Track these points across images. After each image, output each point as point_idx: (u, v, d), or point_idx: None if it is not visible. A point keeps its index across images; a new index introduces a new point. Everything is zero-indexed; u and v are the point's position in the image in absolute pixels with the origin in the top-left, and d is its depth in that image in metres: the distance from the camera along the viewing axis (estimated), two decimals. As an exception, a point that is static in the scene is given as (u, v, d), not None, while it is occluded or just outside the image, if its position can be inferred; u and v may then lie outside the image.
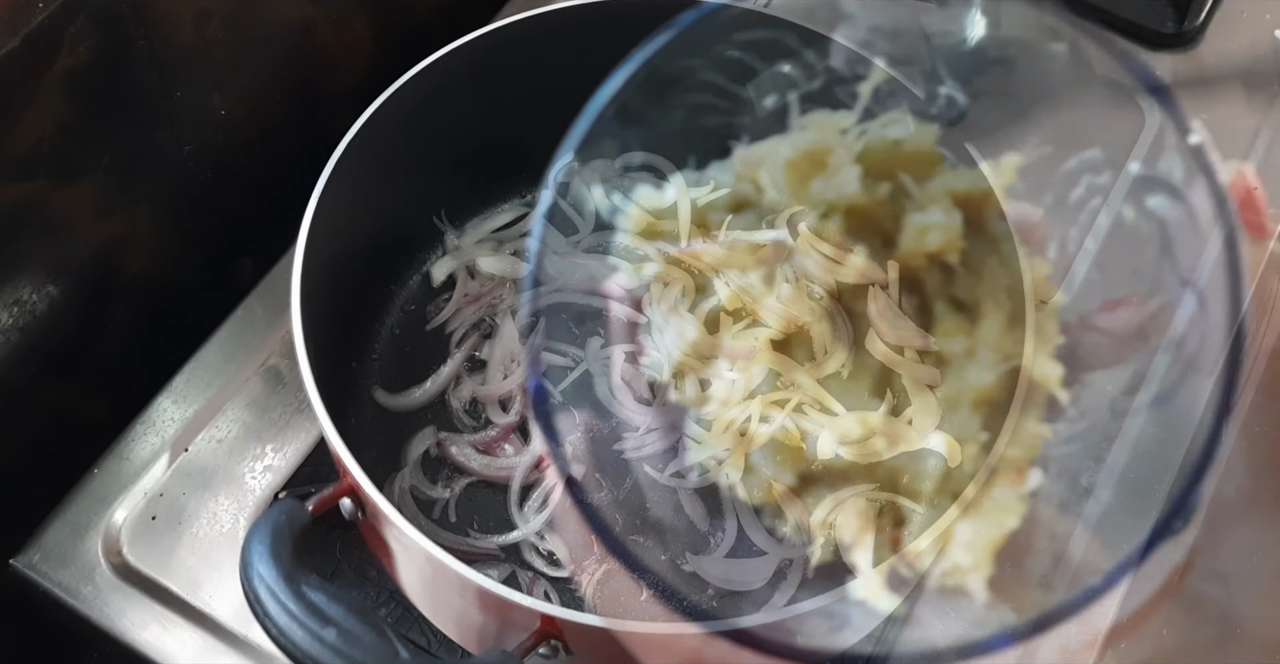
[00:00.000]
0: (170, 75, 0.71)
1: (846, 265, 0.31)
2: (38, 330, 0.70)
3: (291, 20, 0.77)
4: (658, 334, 0.32)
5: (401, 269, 0.81)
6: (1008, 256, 0.32)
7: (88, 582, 0.70)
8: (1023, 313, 0.32)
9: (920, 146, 0.32)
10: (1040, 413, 0.32)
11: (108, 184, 0.71)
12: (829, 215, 0.31)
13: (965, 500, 0.31)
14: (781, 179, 0.31)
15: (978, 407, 0.31)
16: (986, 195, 0.32)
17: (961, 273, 0.32)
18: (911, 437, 0.31)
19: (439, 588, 0.64)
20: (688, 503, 0.63)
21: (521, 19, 0.71)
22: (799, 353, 0.32)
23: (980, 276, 0.32)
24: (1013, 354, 0.31)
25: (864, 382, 0.32)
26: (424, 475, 0.75)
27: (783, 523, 0.31)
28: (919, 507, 0.31)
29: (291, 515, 0.60)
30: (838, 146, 0.31)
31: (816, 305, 0.31)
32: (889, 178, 0.32)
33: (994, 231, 0.32)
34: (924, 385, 0.32)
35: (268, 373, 0.77)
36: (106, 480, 0.73)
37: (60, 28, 0.62)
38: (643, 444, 0.33)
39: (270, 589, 0.56)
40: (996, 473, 0.31)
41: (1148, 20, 0.86)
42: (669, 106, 0.32)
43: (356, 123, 0.67)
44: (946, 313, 0.32)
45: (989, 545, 0.30)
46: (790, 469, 0.30)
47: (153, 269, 0.77)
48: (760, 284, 0.32)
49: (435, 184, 0.78)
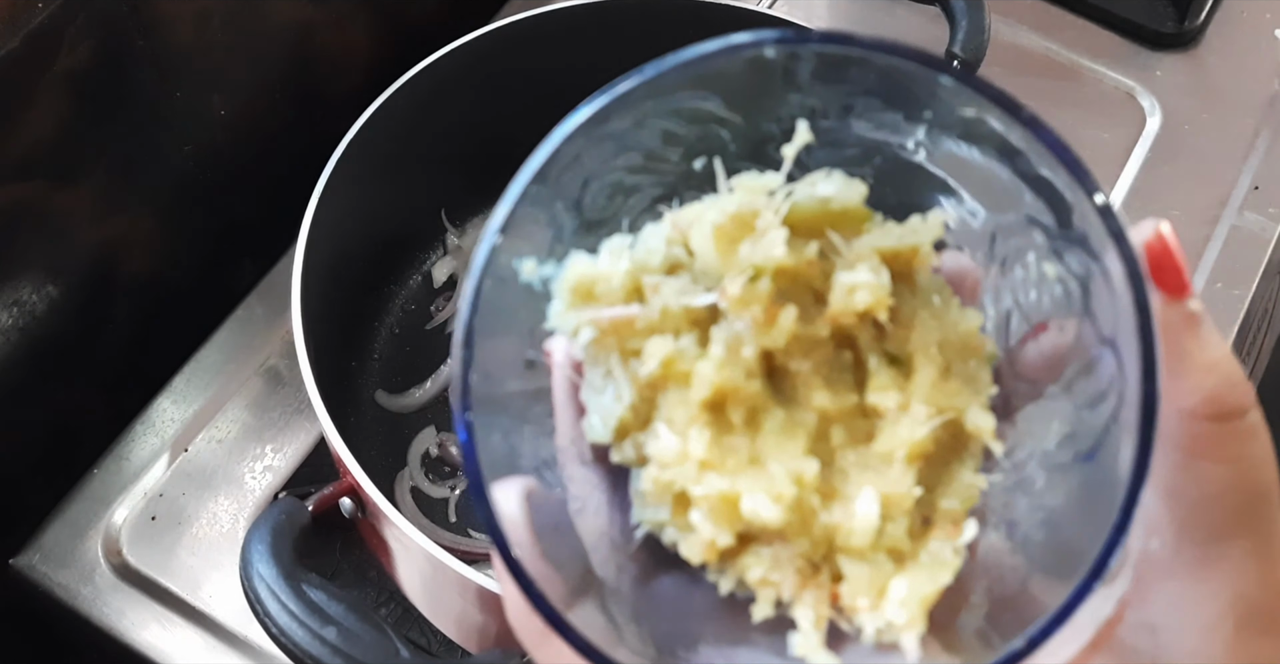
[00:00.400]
0: (170, 76, 0.71)
1: (777, 326, 0.31)
2: (37, 331, 0.70)
3: (291, 20, 0.77)
4: (596, 396, 0.32)
5: (402, 269, 0.81)
6: (939, 309, 0.32)
7: (87, 582, 0.70)
8: (955, 364, 0.32)
9: (848, 204, 0.32)
10: (975, 464, 0.32)
11: (107, 184, 0.70)
12: (758, 278, 0.31)
13: (899, 555, 0.31)
14: (709, 243, 0.31)
15: (912, 460, 0.31)
16: (915, 250, 0.32)
17: (892, 328, 0.32)
18: (846, 492, 0.32)
19: (439, 588, 0.64)
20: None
21: (522, 19, 0.71)
22: (733, 413, 0.32)
23: (912, 330, 0.32)
24: (946, 407, 0.31)
25: (798, 439, 0.32)
26: (425, 475, 0.74)
27: (725, 580, 0.32)
28: (855, 562, 0.31)
29: (292, 515, 0.60)
30: (764, 209, 0.31)
31: (750, 366, 0.31)
32: (818, 235, 0.32)
33: (924, 284, 0.33)
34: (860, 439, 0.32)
35: (268, 373, 0.76)
36: (106, 481, 0.73)
37: (59, 28, 0.62)
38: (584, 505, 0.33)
39: (270, 589, 0.56)
40: (932, 526, 0.32)
41: (1147, 20, 0.86)
42: (598, 172, 0.32)
43: (357, 122, 0.67)
44: (880, 368, 0.32)
45: (923, 601, 0.30)
46: (727, 528, 0.31)
47: (152, 269, 0.77)
48: (694, 346, 0.32)
49: (436, 184, 0.78)
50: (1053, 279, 0.31)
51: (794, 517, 0.31)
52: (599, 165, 0.32)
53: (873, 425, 0.32)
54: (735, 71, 0.30)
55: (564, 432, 0.33)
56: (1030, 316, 0.32)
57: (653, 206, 0.33)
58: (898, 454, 0.31)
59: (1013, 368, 0.33)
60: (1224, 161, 0.83)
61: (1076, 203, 0.29)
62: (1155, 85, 0.85)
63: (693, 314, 0.32)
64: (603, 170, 0.32)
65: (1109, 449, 0.29)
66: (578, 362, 0.33)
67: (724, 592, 0.32)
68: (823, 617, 0.31)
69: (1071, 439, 0.31)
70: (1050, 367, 0.31)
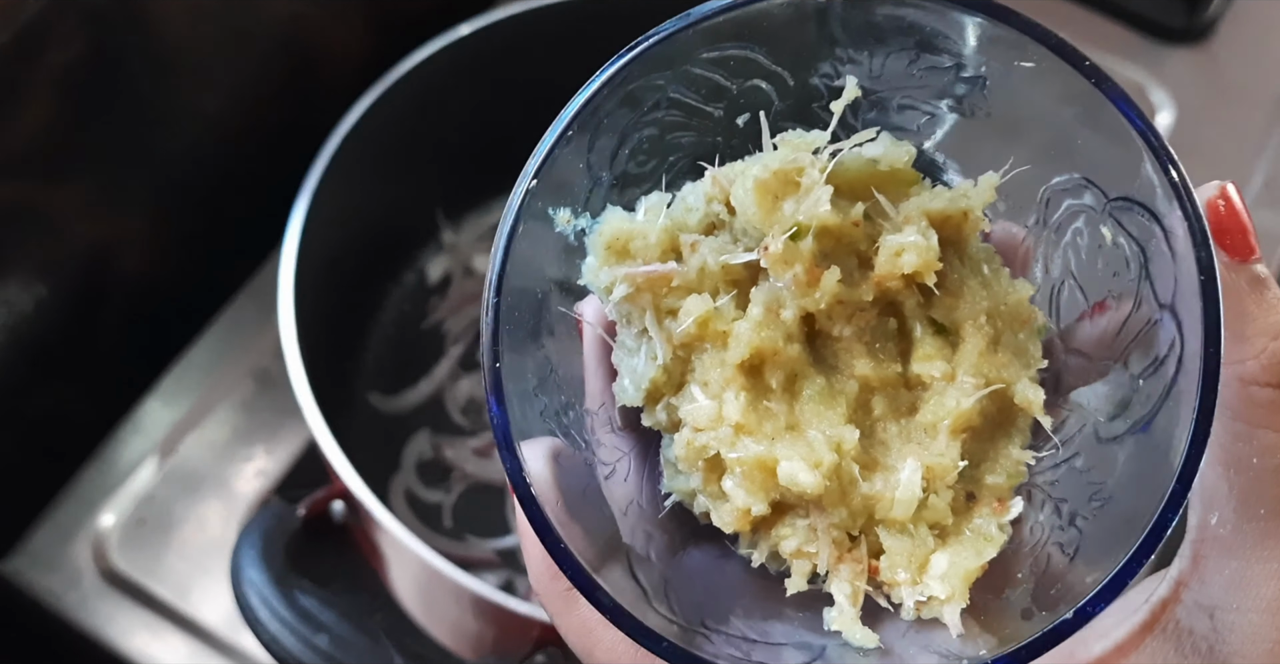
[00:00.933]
0: (161, 72, 0.70)
1: (820, 287, 0.30)
2: (25, 330, 0.69)
3: (284, 16, 0.77)
4: (629, 357, 0.32)
5: (396, 267, 0.80)
6: (988, 278, 0.32)
7: (74, 588, 0.69)
8: (1004, 336, 0.31)
9: (895, 165, 0.31)
10: (1023, 439, 0.31)
11: (97, 182, 0.70)
12: (800, 237, 0.30)
13: (942, 529, 0.31)
14: (751, 198, 0.31)
15: (956, 432, 0.31)
16: (965, 214, 0.31)
17: (940, 295, 0.31)
18: (887, 463, 0.31)
19: (433, 594, 0.63)
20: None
21: (516, 13, 0.71)
22: (771, 377, 0.31)
23: (960, 298, 0.31)
24: (994, 378, 0.31)
25: (838, 407, 0.31)
26: (419, 479, 0.73)
27: (757, 552, 0.31)
28: (895, 535, 0.30)
29: (282, 520, 0.60)
30: (809, 166, 0.31)
31: (790, 328, 0.31)
32: (864, 197, 0.31)
33: (974, 252, 0.32)
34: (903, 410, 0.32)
35: (258, 374, 0.75)
36: (93, 484, 0.72)
37: (51, 25, 0.61)
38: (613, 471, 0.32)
39: (261, 595, 0.55)
40: (977, 501, 0.31)
41: (1158, 14, 0.85)
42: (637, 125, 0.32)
43: (349, 118, 0.67)
44: (925, 336, 0.32)
45: (966, 576, 0.30)
46: (762, 496, 0.29)
47: (142, 268, 0.76)
48: (731, 307, 0.31)
49: (430, 180, 0.77)
50: (1109, 242, 0.30)
51: (833, 485, 0.30)
52: (640, 116, 0.31)
53: (916, 397, 0.32)
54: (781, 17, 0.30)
55: (594, 395, 0.32)
56: (1085, 284, 0.31)
57: (693, 167, 0.33)
58: (942, 425, 0.30)
59: (1066, 343, 0.32)
60: (1236, 157, 0.82)
61: (1137, 159, 0.28)
62: (1166, 80, 0.84)
63: (731, 273, 0.31)
64: (643, 122, 0.31)
65: (1165, 419, 0.28)
66: (610, 322, 0.32)
67: (756, 564, 0.31)
68: (860, 591, 0.30)
69: (1124, 410, 0.30)
70: (1108, 344, 0.30)
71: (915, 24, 0.29)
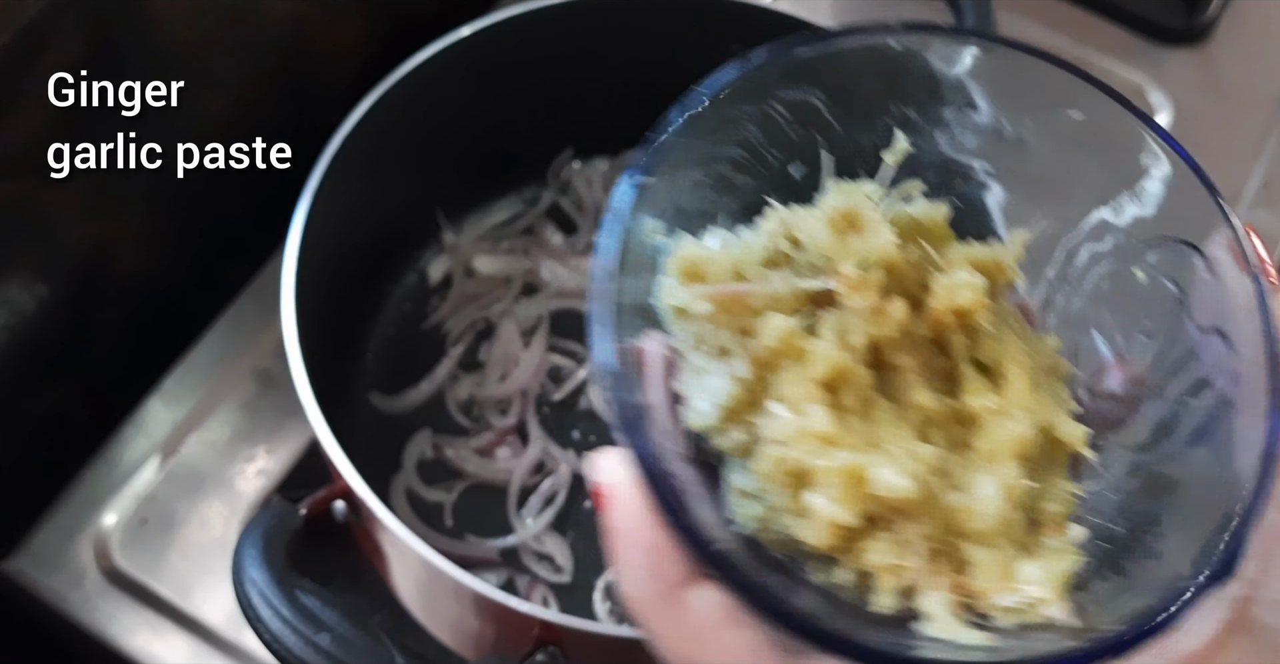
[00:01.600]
0: (161, 72, 0.70)
1: (887, 316, 0.32)
2: (25, 330, 0.69)
3: (284, 16, 0.77)
4: (699, 379, 0.32)
5: (396, 268, 0.80)
6: (1018, 329, 0.34)
7: (77, 587, 0.69)
8: (1041, 380, 0.33)
9: (932, 222, 0.34)
10: (1064, 474, 0.33)
11: (97, 182, 0.70)
12: (867, 268, 0.32)
13: (1020, 545, 0.32)
14: (823, 231, 0.32)
15: (1017, 457, 0.32)
16: (999, 264, 0.33)
17: (984, 335, 0.33)
18: (967, 479, 0.32)
19: (434, 593, 0.63)
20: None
21: (517, 14, 0.70)
22: (846, 397, 0.32)
23: (1000, 342, 0.33)
24: (1040, 415, 0.32)
25: (908, 431, 0.32)
26: (420, 478, 0.74)
27: (840, 570, 0.31)
28: (982, 548, 0.31)
29: (284, 519, 0.60)
30: (868, 209, 0.33)
31: (861, 353, 0.32)
32: (912, 243, 0.33)
33: (1003, 306, 0.34)
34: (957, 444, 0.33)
35: (260, 374, 0.76)
36: (96, 484, 0.72)
37: (51, 24, 0.61)
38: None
39: (263, 594, 0.55)
40: (1040, 525, 0.32)
41: (1157, 15, 0.85)
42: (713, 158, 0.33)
43: (350, 118, 0.67)
44: (972, 375, 0.33)
45: (1061, 577, 0.31)
46: (853, 506, 0.30)
47: (143, 268, 0.76)
48: (802, 331, 0.32)
49: (431, 181, 0.77)
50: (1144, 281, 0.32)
51: (923, 492, 0.30)
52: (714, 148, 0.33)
53: (968, 433, 0.33)
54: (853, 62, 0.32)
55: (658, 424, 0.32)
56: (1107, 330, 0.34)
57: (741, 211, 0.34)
58: (1005, 450, 0.31)
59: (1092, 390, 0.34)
60: (1234, 158, 0.82)
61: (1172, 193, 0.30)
62: (1165, 81, 0.84)
63: (800, 302, 0.32)
64: (717, 156, 0.33)
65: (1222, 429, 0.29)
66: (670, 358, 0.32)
67: (840, 580, 0.31)
68: (956, 602, 0.30)
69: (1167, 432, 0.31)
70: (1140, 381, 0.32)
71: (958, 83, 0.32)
